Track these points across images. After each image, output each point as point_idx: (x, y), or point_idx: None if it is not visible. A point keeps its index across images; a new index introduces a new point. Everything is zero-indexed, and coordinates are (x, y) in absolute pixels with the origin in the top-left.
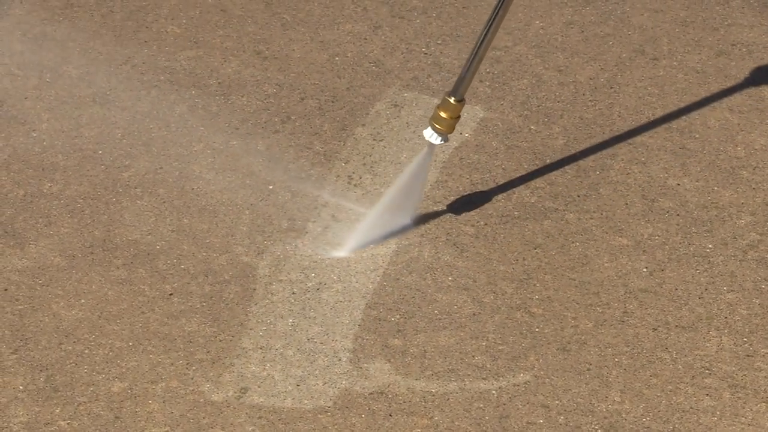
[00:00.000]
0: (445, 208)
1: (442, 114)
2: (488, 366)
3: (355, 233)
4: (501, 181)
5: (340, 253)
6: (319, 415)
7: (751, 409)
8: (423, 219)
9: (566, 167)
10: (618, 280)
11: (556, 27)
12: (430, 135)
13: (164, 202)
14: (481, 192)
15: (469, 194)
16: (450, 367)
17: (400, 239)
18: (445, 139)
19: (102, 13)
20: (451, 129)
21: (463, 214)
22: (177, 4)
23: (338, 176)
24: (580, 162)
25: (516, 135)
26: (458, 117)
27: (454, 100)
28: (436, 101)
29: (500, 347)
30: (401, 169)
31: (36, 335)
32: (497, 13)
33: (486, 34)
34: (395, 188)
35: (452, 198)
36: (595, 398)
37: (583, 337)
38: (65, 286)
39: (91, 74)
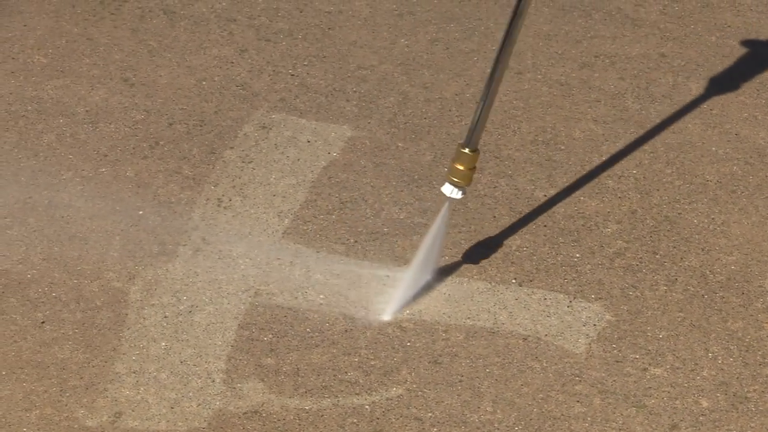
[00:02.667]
0: (315, 227)
1: (459, 166)
2: (361, 381)
3: (395, 297)
4: (370, 199)
5: (385, 317)
6: None
7: (621, 414)
8: (294, 238)
9: (434, 183)
10: (488, 291)
11: (422, 44)
12: (450, 191)
13: (34, 231)
14: (351, 210)
15: (338, 212)
16: (323, 383)
17: (269, 258)
18: (464, 192)
19: None
20: (469, 180)
21: (334, 233)
22: (43, 34)
23: (208, 199)
24: None
25: (384, 152)
26: (474, 168)
27: (469, 151)
28: (304, 121)
29: (372, 362)
30: (271, 190)
31: None
32: (500, 60)
33: (491, 83)
34: (423, 249)
35: (321, 217)
36: (467, 409)
37: (454, 350)
38: None
39: None
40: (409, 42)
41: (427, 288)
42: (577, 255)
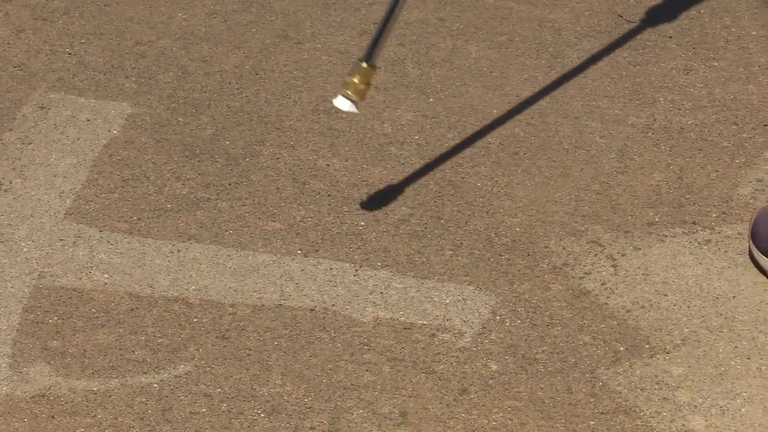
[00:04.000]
0: (97, 206)
1: (354, 80)
2: (148, 360)
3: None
4: (152, 176)
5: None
6: None
7: (411, 381)
8: (76, 218)
9: (216, 156)
10: (273, 264)
11: (200, 18)
12: (343, 104)
13: None
14: (133, 187)
15: (121, 190)
16: (110, 364)
17: (52, 239)
18: (356, 108)
19: None
20: (362, 96)
21: (117, 211)
22: None
23: None
24: (230, 150)
25: (164, 128)
26: (369, 84)
27: (367, 65)
28: (83, 100)
29: (159, 340)
30: (52, 171)
31: None
32: None
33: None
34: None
35: (103, 196)
36: (256, 383)
37: (241, 324)
38: None
39: None
40: (187, 16)
41: (212, 263)
42: (362, 223)
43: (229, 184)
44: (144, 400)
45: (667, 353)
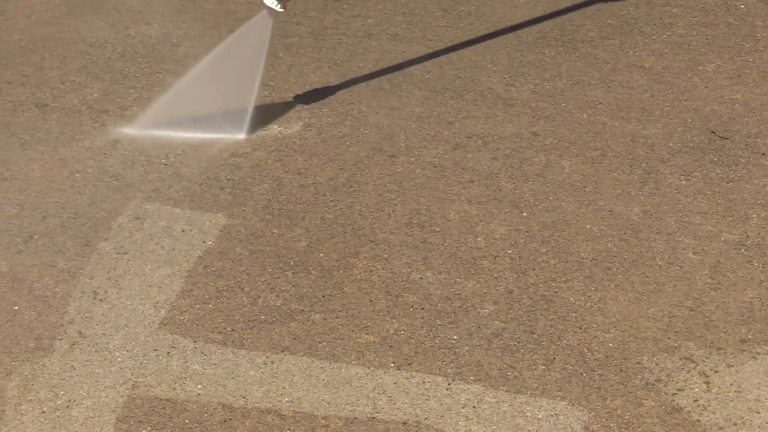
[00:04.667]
0: (191, 317)
1: None
2: None
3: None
4: (246, 287)
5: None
6: None
7: None
8: (170, 328)
9: (310, 268)
10: (366, 376)
11: (294, 130)
12: (272, 2)
13: None
14: (227, 298)
15: (215, 301)
16: None
17: (146, 350)
18: (284, 7)
19: None
20: None
21: (211, 322)
22: None
23: (83, 292)
24: (324, 262)
25: (259, 239)
26: None
27: None
28: (179, 211)
29: None
30: (147, 281)
31: None
32: None
33: None
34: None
35: (198, 306)
36: None
37: None
38: None
39: None
40: (282, 128)
41: (306, 375)
42: (455, 337)
43: (323, 296)
44: None
45: None
